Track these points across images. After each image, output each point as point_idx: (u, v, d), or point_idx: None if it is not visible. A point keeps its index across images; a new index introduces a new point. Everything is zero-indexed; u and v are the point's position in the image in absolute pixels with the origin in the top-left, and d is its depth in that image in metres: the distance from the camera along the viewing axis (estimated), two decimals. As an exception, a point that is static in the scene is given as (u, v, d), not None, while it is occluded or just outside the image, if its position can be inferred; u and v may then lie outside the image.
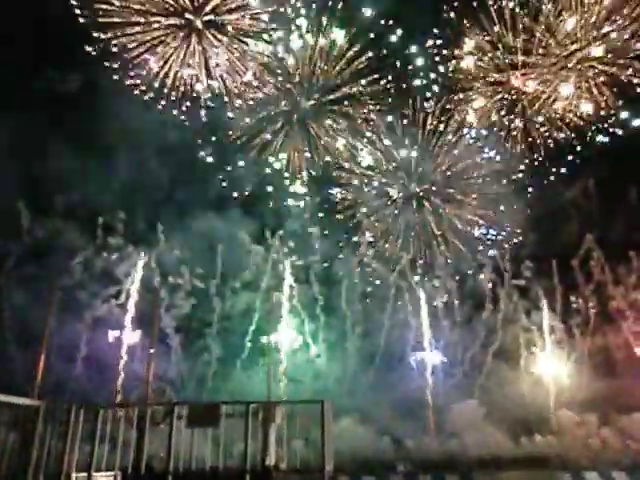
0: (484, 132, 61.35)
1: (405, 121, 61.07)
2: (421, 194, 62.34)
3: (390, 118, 61.48)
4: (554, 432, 49.28)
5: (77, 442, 23.77)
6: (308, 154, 62.50)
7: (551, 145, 59.18)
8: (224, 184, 61.99)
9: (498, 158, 61.28)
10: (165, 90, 58.27)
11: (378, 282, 60.16)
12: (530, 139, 59.53)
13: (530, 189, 61.15)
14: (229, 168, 62.03)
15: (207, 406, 25.59)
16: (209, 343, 53.78)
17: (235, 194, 61.94)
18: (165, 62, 57.20)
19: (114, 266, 52.03)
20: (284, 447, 25.99)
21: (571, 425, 49.24)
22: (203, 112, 59.82)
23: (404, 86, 60.55)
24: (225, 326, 54.75)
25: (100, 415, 23.88)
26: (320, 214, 63.13)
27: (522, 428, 49.63)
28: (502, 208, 60.93)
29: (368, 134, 62.09)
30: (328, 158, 62.44)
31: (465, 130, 61.16)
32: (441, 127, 60.57)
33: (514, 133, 59.98)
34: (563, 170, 60.28)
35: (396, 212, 62.91)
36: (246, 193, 62.23)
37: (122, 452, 24.76)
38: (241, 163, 62.27)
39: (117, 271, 51.98)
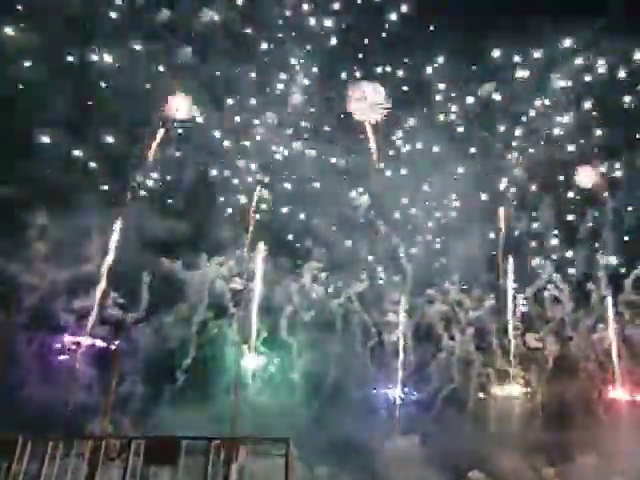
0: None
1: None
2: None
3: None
4: (496, 475, 50.97)
5: (21, 477, 22.78)
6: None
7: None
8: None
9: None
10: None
11: (322, 311, 60.01)
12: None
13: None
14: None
15: (165, 441, 25.05)
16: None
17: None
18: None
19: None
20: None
21: (514, 468, 51.16)
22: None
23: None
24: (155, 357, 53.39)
25: (49, 448, 23.00)
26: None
27: (464, 469, 51.03)
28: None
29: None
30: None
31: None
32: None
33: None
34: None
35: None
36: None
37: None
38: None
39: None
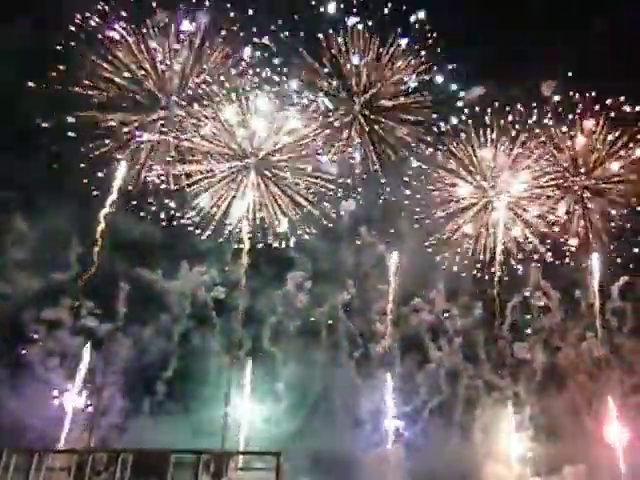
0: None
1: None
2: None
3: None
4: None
5: (4, 492, 22.13)
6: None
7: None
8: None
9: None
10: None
11: (307, 321, 59.38)
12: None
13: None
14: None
15: (154, 455, 24.56)
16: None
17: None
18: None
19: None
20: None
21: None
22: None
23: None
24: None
25: (34, 461, 22.36)
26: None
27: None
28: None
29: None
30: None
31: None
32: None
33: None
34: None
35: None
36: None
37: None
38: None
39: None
